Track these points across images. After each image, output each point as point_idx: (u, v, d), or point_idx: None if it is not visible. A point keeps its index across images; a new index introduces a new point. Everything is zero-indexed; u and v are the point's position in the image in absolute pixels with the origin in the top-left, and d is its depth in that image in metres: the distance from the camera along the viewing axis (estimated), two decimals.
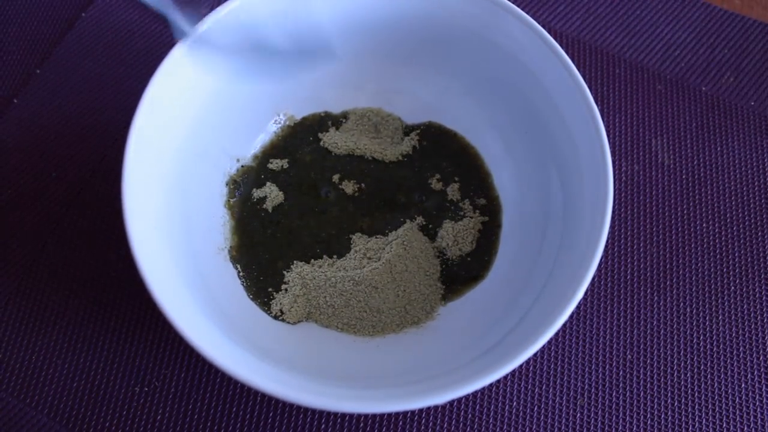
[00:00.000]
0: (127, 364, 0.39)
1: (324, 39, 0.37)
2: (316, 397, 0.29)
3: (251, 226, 0.41)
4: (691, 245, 0.43)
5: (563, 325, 0.39)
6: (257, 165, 0.43)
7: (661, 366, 0.40)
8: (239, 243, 0.40)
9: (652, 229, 0.43)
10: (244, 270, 0.40)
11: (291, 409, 0.38)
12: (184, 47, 0.35)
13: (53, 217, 0.42)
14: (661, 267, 0.42)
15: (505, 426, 0.38)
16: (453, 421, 0.38)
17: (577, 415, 0.38)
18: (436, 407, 0.38)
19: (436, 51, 0.43)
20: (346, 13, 0.41)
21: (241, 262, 0.40)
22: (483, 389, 0.39)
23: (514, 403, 0.38)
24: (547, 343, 0.37)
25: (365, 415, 0.38)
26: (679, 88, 0.48)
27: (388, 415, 0.38)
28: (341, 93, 0.45)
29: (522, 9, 0.40)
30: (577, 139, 0.37)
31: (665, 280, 0.42)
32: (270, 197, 0.42)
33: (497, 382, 0.39)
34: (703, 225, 0.44)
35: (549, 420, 0.38)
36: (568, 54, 0.38)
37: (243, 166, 0.43)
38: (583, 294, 0.32)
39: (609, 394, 0.39)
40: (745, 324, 0.41)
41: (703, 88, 0.48)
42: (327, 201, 0.42)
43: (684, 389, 0.39)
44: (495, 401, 0.38)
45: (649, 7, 0.51)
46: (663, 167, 0.45)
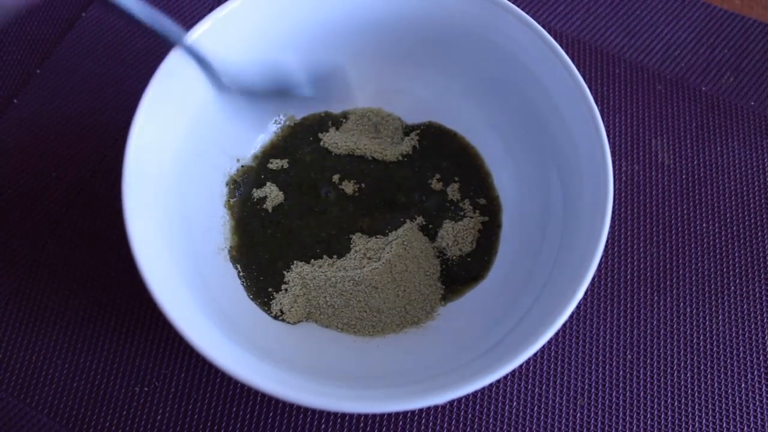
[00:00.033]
0: (127, 364, 0.39)
1: (294, 81, 0.38)
2: (316, 397, 0.29)
3: (251, 226, 0.41)
4: (691, 245, 0.43)
5: (563, 325, 0.39)
6: (257, 165, 0.43)
7: (661, 366, 0.40)
8: (239, 243, 0.40)
9: (652, 229, 0.43)
10: (244, 270, 0.40)
11: (291, 409, 0.38)
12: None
13: (53, 217, 0.42)
14: (661, 267, 0.42)
15: (505, 426, 0.38)
16: (453, 421, 0.38)
17: (577, 415, 0.38)
18: (436, 407, 0.38)
19: (436, 51, 0.43)
20: (345, 13, 0.41)
21: (241, 262, 0.40)
22: (483, 389, 0.39)
23: (514, 403, 0.38)
24: (547, 343, 0.37)
25: (365, 415, 0.38)
26: (679, 88, 0.48)
27: (388, 415, 0.38)
28: (341, 93, 0.45)
29: (522, 9, 0.40)
30: (577, 139, 0.37)
31: (665, 280, 0.42)
32: (270, 197, 0.42)
33: (497, 382, 0.39)
34: (703, 225, 0.44)
35: (549, 420, 0.38)
36: (568, 54, 0.38)
37: (243, 166, 0.43)
38: (583, 294, 0.32)
39: (609, 394, 0.39)
40: (745, 324, 0.41)
41: (703, 88, 0.48)
42: (327, 201, 0.42)
43: (684, 389, 0.39)
44: (495, 401, 0.38)
45: (649, 7, 0.51)
46: (663, 167, 0.45)
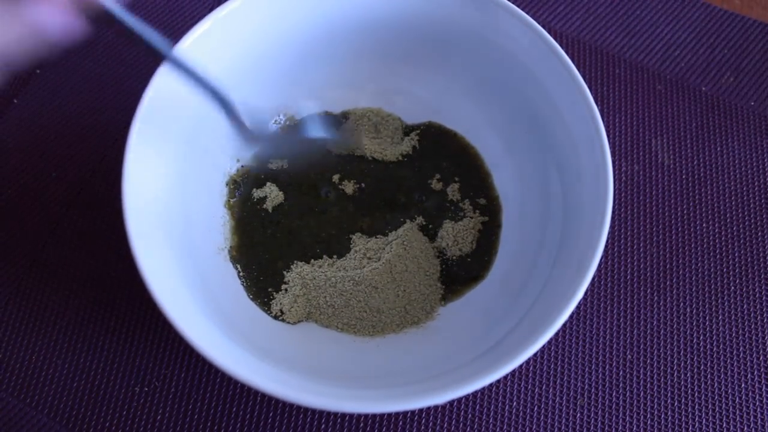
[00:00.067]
0: (127, 364, 0.39)
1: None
2: (316, 397, 0.29)
3: (251, 226, 0.41)
4: (691, 245, 0.43)
5: (563, 325, 0.39)
6: (257, 165, 0.43)
7: (661, 366, 0.40)
8: (239, 243, 0.40)
9: (652, 229, 0.43)
10: (244, 270, 0.40)
11: (291, 409, 0.38)
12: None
13: (53, 217, 0.42)
14: (661, 267, 0.42)
15: (505, 426, 0.38)
16: (453, 421, 0.38)
17: (577, 415, 0.38)
18: (436, 407, 0.38)
19: (436, 51, 0.43)
20: (345, 13, 0.41)
21: (241, 262, 0.40)
22: (483, 389, 0.39)
23: (514, 403, 0.38)
24: (547, 343, 0.37)
25: (365, 415, 0.38)
26: (679, 88, 0.48)
27: (388, 415, 0.38)
28: (341, 93, 0.45)
29: (522, 9, 0.40)
30: (577, 139, 0.37)
31: (665, 280, 0.42)
32: (270, 197, 0.42)
33: (497, 382, 0.39)
34: (703, 225, 0.44)
35: (549, 420, 0.38)
36: (568, 54, 0.38)
37: (243, 166, 0.43)
38: (583, 294, 0.32)
39: (609, 394, 0.39)
40: (745, 324, 0.41)
41: (703, 88, 0.48)
42: (327, 201, 0.42)
43: (684, 389, 0.39)
44: (495, 401, 0.38)
45: (649, 7, 0.51)
46: (663, 167, 0.45)
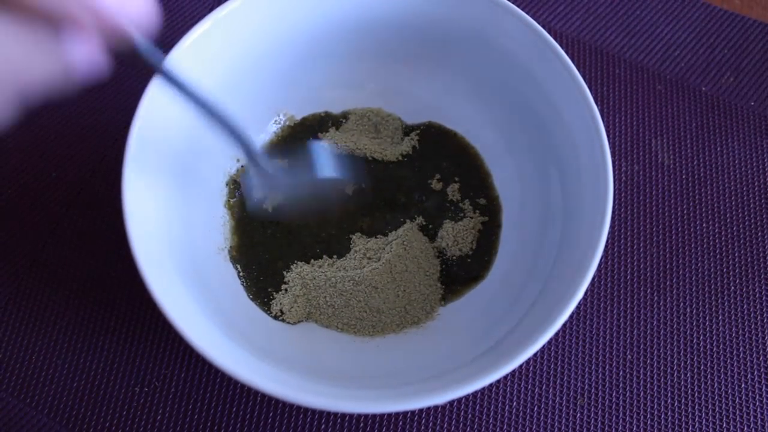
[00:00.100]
0: (127, 364, 0.39)
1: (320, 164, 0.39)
2: (316, 397, 0.29)
3: (251, 226, 0.41)
4: (691, 245, 0.43)
5: (563, 325, 0.39)
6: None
7: (661, 366, 0.40)
8: (239, 243, 0.40)
9: (652, 229, 0.43)
10: (244, 270, 0.40)
11: (291, 409, 0.38)
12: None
13: (53, 217, 0.42)
14: (661, 267, 0.42)
15: (505, 426, 0.38)
16: (453, 421, 0.38)
17: (577, 415, 0.38)
18: (436, 407, 0.38)
19: (436, 51, 0.43)
20: (345, 13, 0.41)
21: (241, 262, 0.40)
22: (483, 389, 0.39)
23: (514, 403, 0.38)
24: (547, 343, 0.37)
25: (365, 415, 0.38)
26: (679, 88, 0.48)
27: (388, 415, 0.38)
28: (341, 93, 0.45)
29: (522, 9, 0.40)
30: (577, 139, 0.37)
31: (665, 280, 0.42)
32: (270, 197, 0.42)
33: (497, 382, 0.39)
34: (703, 225, 0.44)
35: (549, 420, 0.38)
36: (568, 54, 0.38)
37: (243, 166, 0.43)
38: (583, 294, 0.32)
39: (609, 394, 0.39)
40: (745, 324, 0.41)
41: (703, 89, 0.48)
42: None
43: (684, 389, 0.39)
44: (495, 401, 0.38)
45: (649, 7, 0.51)
46: (663, 167, 0.45)
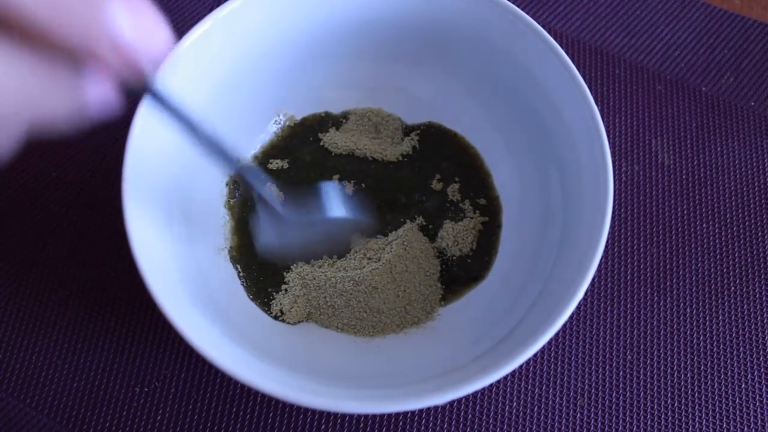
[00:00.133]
0: (127, 365, 0.39)
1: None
2: (316, 398, 0.29)
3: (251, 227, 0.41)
4: (691, 245, 0.43)
5: (563, 326, 0.39)
6: (257, 165, 0.43)
7: (661, 366, 0.40)
8: (239, 243, 0.40)
9: (652, 230, 0.43)
10: (244, 270, 0.40)
11: (291, 410, 0.38)
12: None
13: (53, 217, 0.42)
14: (661, 267, 0.42)
15: (505, 426, 0.38)
16: (453, 422, 0.38)
17: (577, 415, 0.38)
18: (436, 408, 0.38)
19: (436, 51, 0.43)
20: (346, 13, 0.41)
21: (241, 263, 0.40)
22: (483, 389, 0.39)
23: (515, 404, 0.38)
24: (547, 343, 0.37)
25: (365, 416, 0.38)
26: (679, 89, 0.48)
27: (389, 415, 0.38)
28: (341, 93, 0.45)
29: (522, 9, 0.40)
30: (577, 139, 0.37)
31: (665, 281, 0.42)
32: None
33: (497, 382, 0.39)
34: (703, 225, 0.44)
35: (549, 420, 0.38)
36: (568, 54, 0.38)
37: (240, 174, 0.42)
38: (584, 294, 0.32)
39: (609, 395, 0.39)
40: (745, 324, 0.41)
41: (703, 89, 0.48)
42: None
43: (684, 390, 0.39)
44: (495, 401, 0.38)
45: (649, 7, 0.51)
46: (663, 167, 0.45)
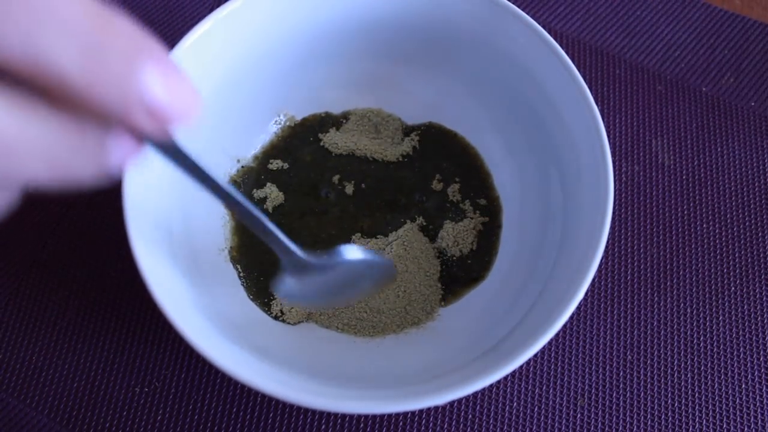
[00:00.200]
0: (127, 365, 0.38)
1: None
2: (316, 398, 0.29)
3: None
4: (691, 245, 0.43)
5: (563, 326, 0.39)
6: (257, 165, 0.43)
7: (661, 367, 0.40)
8: (239, 243, 0.40)
9: (652, 230, 0.43)
10: (245, 270, 0.40)
11: (291, 410, 0.38)
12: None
13: (53, 217, 0.42)
14: (661, 267, 0.42)
15: (505, 427, 0.38)
16: (453, 422, 0.38)
17: (577, 416, 0.38)
18: (436, 408, 0.38)
19: (436, 51, 0.43)
20: (346, 14, 0.41)
21: (242, 263, 0.40)
22: (483, 390, 0.39)
23: (515, 404, 0.38)
24: (548, 343, 0.37)
25: (365, 416, 0.38)
26: (680, 89, 0.48)
27: (389, 415, 0.38)
28: (341, 93, 0.45)
29: (522, 9, 0.40)
30: (577, 140, 0.37)
31: (665, 281, 0.42)
32: (270, 198, 0.42)
33: (497, 382, 0.39)
34: (703, 225, 0.44)
35: (549, 421, 0.38)
36: (568, 54, 0.38)
37: (243, 167, 0.43)
38: (584, 295, 0.32)
39: (609, 395, 0.39)
40: (745, 324, 0.41)
41: (704, 89, 0.48)
42: (327, 201, 0.42)
43: (684, 390, 0.39)
44: (495, 402, 0.38)
45: (649, 7, 0.51)
46: (663, 168, 0.45)
